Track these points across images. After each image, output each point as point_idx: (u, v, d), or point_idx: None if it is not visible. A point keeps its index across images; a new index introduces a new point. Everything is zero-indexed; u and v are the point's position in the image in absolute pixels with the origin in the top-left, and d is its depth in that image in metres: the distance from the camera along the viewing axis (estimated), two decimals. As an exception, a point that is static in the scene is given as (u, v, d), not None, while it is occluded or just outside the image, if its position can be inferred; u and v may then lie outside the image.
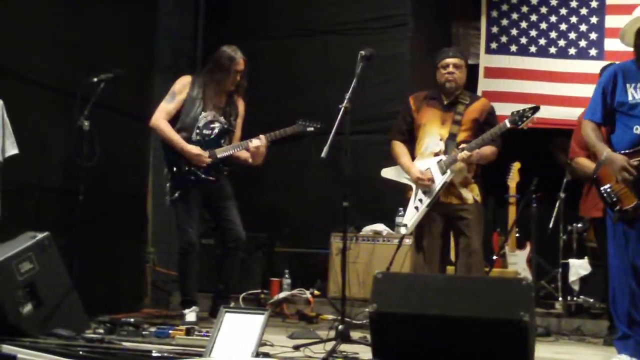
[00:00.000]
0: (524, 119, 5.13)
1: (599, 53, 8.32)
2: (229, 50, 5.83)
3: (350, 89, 4.86)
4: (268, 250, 7.22)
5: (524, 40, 8.60)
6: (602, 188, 4.48)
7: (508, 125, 5.17)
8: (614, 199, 4.42)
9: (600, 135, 4.53)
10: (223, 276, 5.84)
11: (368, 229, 6.79)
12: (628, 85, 4.44)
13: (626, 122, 4.42)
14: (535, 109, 5.16)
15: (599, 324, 5.87)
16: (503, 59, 8.61)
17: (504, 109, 5.43)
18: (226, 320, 4.24)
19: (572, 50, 8.44)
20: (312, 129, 5.74)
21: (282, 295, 6.61)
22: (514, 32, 8.62)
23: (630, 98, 4.41)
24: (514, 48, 8.60)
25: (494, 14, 8.70)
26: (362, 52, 4.98)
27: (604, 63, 8.11)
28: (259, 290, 6.81)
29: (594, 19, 8.46)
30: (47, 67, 5.98)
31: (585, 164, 5.32)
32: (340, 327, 4.57)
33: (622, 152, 4.38)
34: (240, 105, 6.00)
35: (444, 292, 4.05)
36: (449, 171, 5.19)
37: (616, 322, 4.54)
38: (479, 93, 8.33)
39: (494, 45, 8.68)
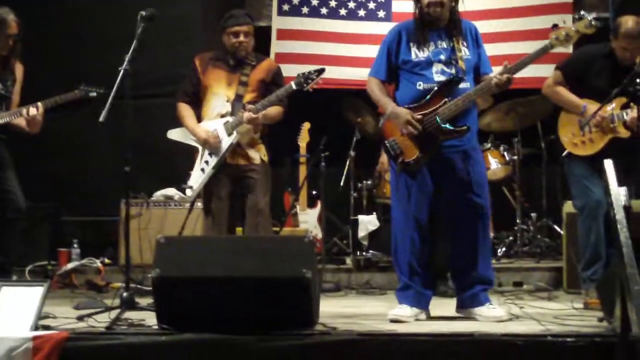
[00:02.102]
0: (309, 81, 5.16)
1: (387, 15, 8.53)
2: (0, 12, 5.52)
3: (130, 51, 4.74)
4: (55, 220, 6.96)
5: (315, 2, 8.67)
6: (386, 141, 4.61)
7: (294, 87, 5.18)
8: (397, 152, 4.56)
9: (384, 91, 4.67)
10: (3, 249, 5.56)
11: (159, 194, 6.68)
12: (412, 44, 4.59)
13: (409, 79, 4.58)
14: (321, 71, 5.19)
15: (386, 276, 6.06)
16: (295, 21, 8.65)
17: (297, 71, 5.46)
18: (3, 294, 4.10)
19: (361, 12, 8.60)
20: (94, 94, 5.53)
21: (70, 265, 6.39)
22: (306, -7, 8.68)
23: (413, 56, 4.56)
24: (305, 10, 8.65)
25: (286, -25, 8.72)
26: (142, 13, 4.85)
27: (391, 24, 8.36)
28: (45, 262, 6.54)
29: (382, -19, 8.66)
30: None
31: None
32: (125, 294, 4.47)
33: (407, 106, 4.53)
34: (18, 70, 5.70)
35: (228, 253, 4.05)
36: (235, 132, 5.15)
37: (398, 273, 4.68)
38: (272, 55, 8.34)
39: (285, 7, 8.68)
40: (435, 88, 4.50)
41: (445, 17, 4.58)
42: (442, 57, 4.54)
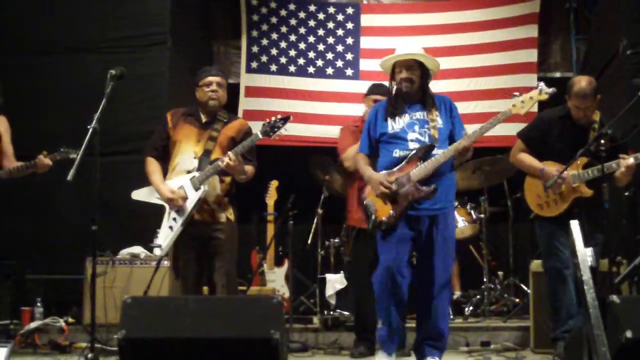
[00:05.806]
0: (275, 129, 5.11)
1: (354, 73, 8.66)
2: None
3: (100, 109, 4.73)
4: (18, 278, 6.83)
5: (283, 59, 8.78)
6: (364, 200, 4.94)
7: (260, 136, 5.14)
8: (372, 210, 4.85)
9: (368, 162, 5.04)
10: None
11: (125, 252, 6.59)
12: (388, 118, 4.96)
13: (387, 148, 4.95)
14: (286, 119, 5.12)
15: (354, 336, 6.00)
16: (263, 78, 8.75)
17: (264, 128, 5.46)
18: (-36, 355, 4.02)
19: (329, 70, 8.72)
20: (74, 156, 5.45)
21: (33, 325, 6.24)
22: (274, 51, 8.79)
23: (389, 128, 4.92)
24: (274, 67, 8.76)
25: (254, 33, 8.82)
26: (112, 71, 4.88)
27: (359, 82, 8.49)
28: (7, 321, 6.40)
29: (349, 40, 8.81)
30: None
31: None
32: (90, 355, 4.39)
33: (384, 171, 4.88)
34: (2, 123, 5.80)
35: (195, 314, 4.00)
36: (202, 187, 5.10)
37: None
38: (240, 112, 8.39)
39: (254, 64, 8.79)
40: (411, 154, 4.82)
41: (418, 92, 4.94)
42: (416, 127, 4.89)
